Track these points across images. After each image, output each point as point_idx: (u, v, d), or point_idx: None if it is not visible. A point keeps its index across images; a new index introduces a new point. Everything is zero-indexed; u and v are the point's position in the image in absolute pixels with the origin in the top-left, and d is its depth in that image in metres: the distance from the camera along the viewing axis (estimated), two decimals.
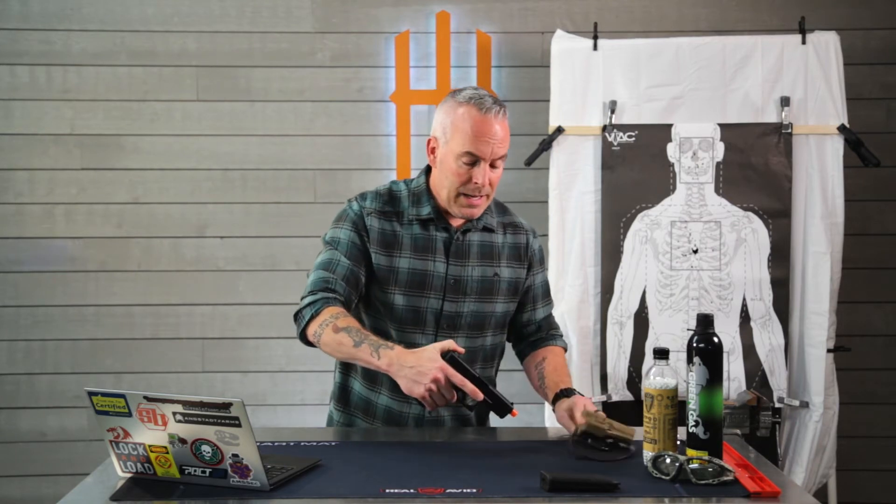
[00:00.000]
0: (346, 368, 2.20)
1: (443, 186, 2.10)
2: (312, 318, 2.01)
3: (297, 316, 2.05)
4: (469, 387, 1.85)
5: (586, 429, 1.90)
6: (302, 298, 2.06)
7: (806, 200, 3.12)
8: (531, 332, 2.28)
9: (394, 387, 2.05)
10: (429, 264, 2.11)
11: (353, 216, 2.12)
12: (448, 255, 2.12)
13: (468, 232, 2.15)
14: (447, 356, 1.89)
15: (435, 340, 2.07)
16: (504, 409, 1.93)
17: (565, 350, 2.31)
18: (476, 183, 2.04)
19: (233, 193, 3.58)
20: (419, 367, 1.86)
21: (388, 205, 2.14)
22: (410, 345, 2.03)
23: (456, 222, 2.15)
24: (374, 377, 2.13)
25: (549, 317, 2.31)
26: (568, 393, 2.07)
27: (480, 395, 1.86)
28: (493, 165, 2.06)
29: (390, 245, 2.11)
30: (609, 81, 3.17)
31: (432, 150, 2.12)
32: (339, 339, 1.96)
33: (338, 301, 2.03)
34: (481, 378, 1.91)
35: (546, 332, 2.29)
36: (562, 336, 2.34)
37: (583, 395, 2.06)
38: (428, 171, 2.18)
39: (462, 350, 1.91)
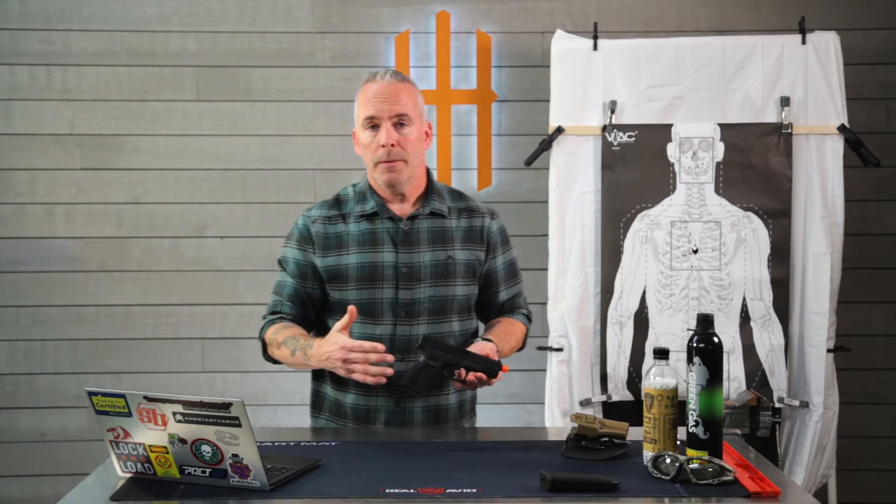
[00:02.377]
0: (318, 376, 2.25)
1: (367, 166, 2.18)
2: (264, 342, 2.15)
3: (260, 340, 2.19)
4: (368, 346, 1.94)
5: (579, 431, 1.90)
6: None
7: (806, 200, 3.12)
8: (494, 312, 2.31)
9: (359, 383, 2.09)
10: (377, 256, 2.14)
11: (297, 232, 2.20)
12: (396, 244, 2.15)
13: (416, 219, 2.17)
14: (424, 340, 2.00)
15: (394, 330, 2.12)
16: (495, 368, 2.01)
17: (526, 327, 2.33)
18: (382, 145, 2.10)
19: (233, 193, 3.58)
20: (328, 354, 1.96)
21: (334, 208, 2.21)
22: (370, 337, 2.09)
23: (401, 212, 2.18)
24: (341, 378, 2.16)
25: (515, 297, 2.33)
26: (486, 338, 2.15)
27: (382, 349, 1.94)
28: (398, 127, 2.11)
29: (337, 245, 2.16)
30: (609, 81, 3.17)
31: (357, 142, 2.19)
32: (283, 354, 2.09)
33: (283, 320, 2.14)
34: (461, 349, 2.02)
35: (508, 311, 2.32)
36: (525, 314, 2.36)
37: (490, 342, 2.10)
38: None
39: (354, 313, 1.99)
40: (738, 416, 3.06)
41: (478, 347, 2.07)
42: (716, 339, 1.75)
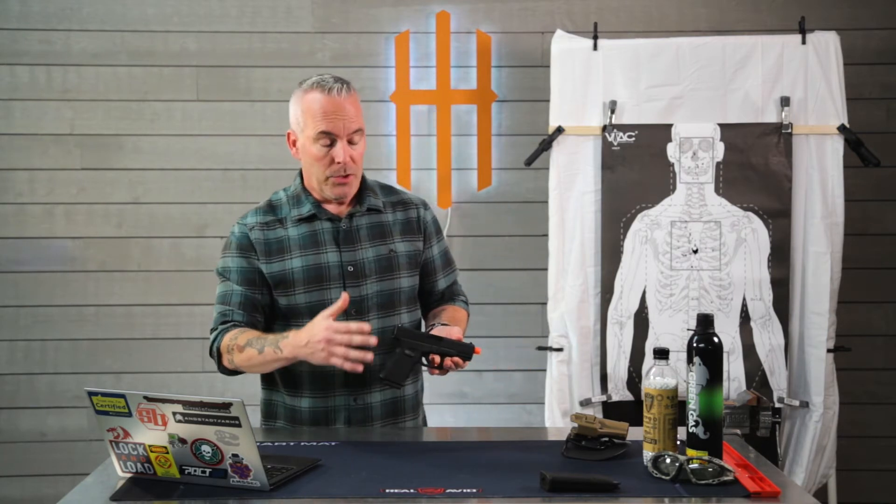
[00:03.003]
0: (269, 384, 2.23)
1: (311, 175, 2.17)
2: (219, 351, 2.09)
3: (210, 355, 2.14)
4: (354, 326, 1.92)
5: (579, 431, 1.90)
6: (209, 337, 2.14)
7: (806, 200, 3.12)
8: (434, 301, 2.32)
9: (313, 386, 2.11)
10: (321, 257, 2.14)
11: (236, 240, 2.18)
12: (338, 243, 2.15)
13: (354, 217, 2.18)
14: (399, 331, 2.02)
15: None
16: (468, 351, 2.03)
17: (467, 312, 2.35)
18: (338, 162, 2.10)
19: (233, 193, 3.58)
20: (310, 338, 1.93)
21: (270, 214, 2.20)
22: None
23: (338, 211, 2.18)
24: (295, 384, 2.15)
25: (453, 285, 2.35)
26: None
27: (368, 329, 1.92)
28: (351, 142, 2.12)
29: (279, 251, 2.15)
30: (609, 81, 3.17)
31: (293, 143, 2.19)
32: (246, 356, 2.03)
33: (236, 327, 2.10)
34: (434, 336, 2.03)
35: (448, 299, 2.33)
36: (464, 301, 2.37)
37: (450, 327, 2.11)
38: (301, 174, 2.24)
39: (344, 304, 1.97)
40: (738, 416, 3.06)
41: (445, 332, 2.08)
42: (716, 339, 1.75)
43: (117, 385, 3.52)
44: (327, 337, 1.91)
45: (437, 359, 2.02)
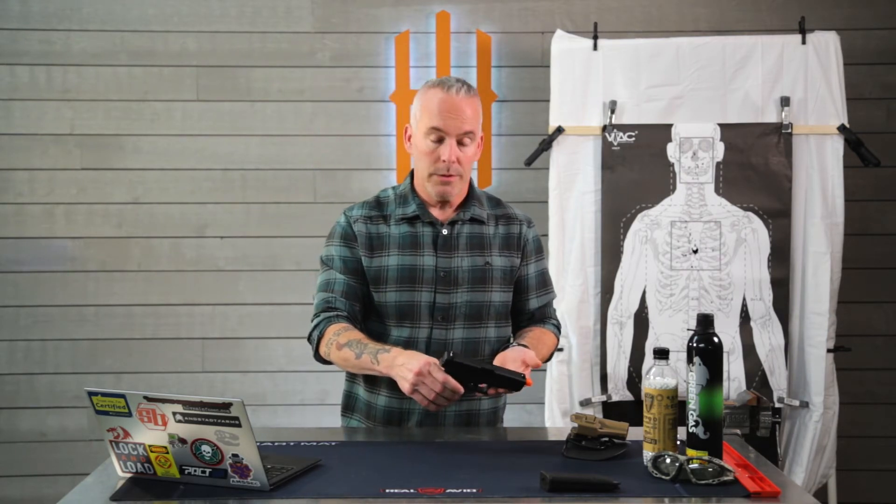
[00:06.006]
0: (351, 376, 2.24)
1: (418, 170, 2.17)
2: (320, 339, 2.11)
3: (308, 339, 2.15)
4: (451, 383, 1.90)
5: (579, 431, 1.90)
6: (311, 322, 2.16)
7: (806, 200, 3.12)
8: (524, 320, 2.29)
9: (392, 385, 2.09)
10: (417, 259, 2.14)
11: (341, 230, 2.20)
12: (436, 248, 2.16)
13: (456, 224, 2.18)
14: (446, 359, 1.94)
15: (430, 333, 2.13)
16: (517, 384, 1.97)
17: (556, 337, 2.31)
18: (444, 160, 2.10)
19: (233, 193, 3.58)
20: (406, 362, 1.93)
21: (375, 209, 2.21)
22: (407, 339, 2.12)
23: (442, 216, 2.18)
24: (374, 380, 2.16)
25: (545, 307, 2.31)
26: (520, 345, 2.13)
27: (460, 392, 1.91)
28: (461, 143, 2.11)
29: (379, 246, 2.16)
30: (609, 81, 3.17)
31: (408, 139, 2.20)
32: (343, 355, 2.06)
33: (340, 318, 2.12)
34: (484, 366, 1.97)
35: (538, 321, 2.30)
36: (556, 325, 2.33)
37: (525, 349, 2.08)
38: (413, 174, 2.23)
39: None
40: (738, 416, 3.06)
41: (516, 353, 2.05)
42: (716, 339, 1.75)
43: (117, 385, 3.52)
44: (421, 370, 1.90)
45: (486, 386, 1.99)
